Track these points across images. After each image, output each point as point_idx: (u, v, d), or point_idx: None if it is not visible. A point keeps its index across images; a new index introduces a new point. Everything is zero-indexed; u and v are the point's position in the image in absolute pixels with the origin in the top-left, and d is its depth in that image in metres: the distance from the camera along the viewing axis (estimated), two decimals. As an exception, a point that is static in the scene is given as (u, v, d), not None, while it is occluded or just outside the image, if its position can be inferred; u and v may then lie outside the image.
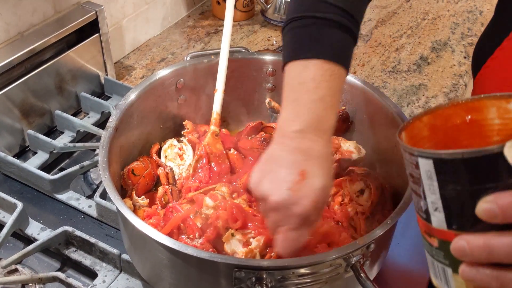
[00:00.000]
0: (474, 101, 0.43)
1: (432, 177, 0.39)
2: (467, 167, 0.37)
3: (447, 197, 0.39)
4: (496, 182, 0.36)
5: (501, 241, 0.36)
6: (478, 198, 0.37)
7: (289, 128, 0.62)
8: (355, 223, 0.77)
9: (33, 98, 1.02)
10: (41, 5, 1.04)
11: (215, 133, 0.86)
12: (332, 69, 0.63)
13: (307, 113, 0.62)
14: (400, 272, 0.82)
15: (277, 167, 0.61)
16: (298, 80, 0.63)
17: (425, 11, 1.55)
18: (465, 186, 0.37)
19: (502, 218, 0.36)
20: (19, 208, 0.83)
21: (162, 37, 1.40)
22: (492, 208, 0.36)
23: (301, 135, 0.61)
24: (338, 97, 0.65)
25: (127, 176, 0.81)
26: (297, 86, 0.63)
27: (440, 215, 0.40)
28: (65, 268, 0.83)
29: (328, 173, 0.62)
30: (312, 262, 0.61)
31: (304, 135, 0.61)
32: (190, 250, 0.60)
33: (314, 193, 0.60)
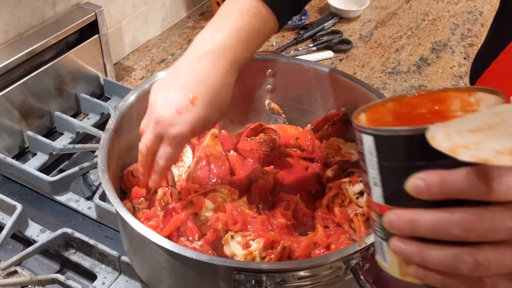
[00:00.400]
0: (440, 92, 0.45)
1: (372, 153, 0.41)
2: (403, 145, 0.39)
3: (385, 173, 0.41)
4: (427, 160, 0.38)
5: (425, 217, 0.38)
6: (410, 175, 0.39)
7: (199, 48, 0.66)
8: (354, 225, 0.77)
9: (32, 99, 1.02)
10: (41, 6, 1.03)
11: (215, 134, 0.86)
12: (259, 8, 0.66)
13: (219, 38, 0.65)
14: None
15: (174, 84, 0.65)
16: (228, 7, 0.67)
17: (425, 12, 1.55)
18: (400, 162, 0.39)
19: (428, 194, 0.37)
20: (19, 209, 0.83)
21: (161, 38, 1.40)
22: (419, 184, 0.38)
23: (205, 57, 0.64)
24: (255, 36, 0.67)
25: (126, 178, 0.81)
26: (224, 12, 0.67)
27: (378, 189, 0.42)
28: (64, 270, 0.83)
29: (215, 105, 0.66)
30: (312, 264, 0.61)
31: (208, 58, 0.64)
32: (190, 252, 0.60)
33: (195, 121, 0.64)
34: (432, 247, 0.38)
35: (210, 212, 0.73)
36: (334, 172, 0.84)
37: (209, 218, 0.72)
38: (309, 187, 0.83)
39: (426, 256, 0.39)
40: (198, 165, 0.84)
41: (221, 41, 0.65)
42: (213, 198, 0.75)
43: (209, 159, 0.84)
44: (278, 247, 0.68)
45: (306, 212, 0.78)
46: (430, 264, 0.39)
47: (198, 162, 0.84)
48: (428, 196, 0.37)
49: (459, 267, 0.37)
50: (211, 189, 0.79)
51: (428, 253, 0.38)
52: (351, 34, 1.43)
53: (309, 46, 1.35)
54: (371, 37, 1.43)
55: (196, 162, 0.84)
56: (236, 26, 0.65)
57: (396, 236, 0.41)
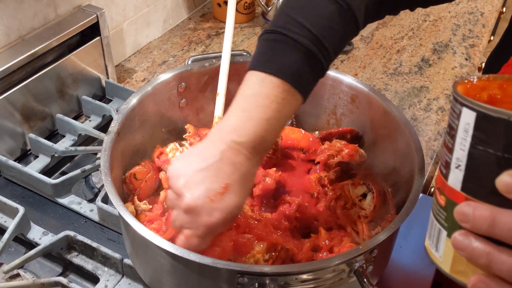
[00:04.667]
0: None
1: (468, 131, 0.37)
2: (508, 131, 0.35)
3: (474, 157, 0.37)
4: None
5: (507, 218, 0.35)
6: (504, 168, 0.35)
7: (230, 135, 0.61)
8: (357, 227, 0.77)
9: (34, 102, 1.02)
10: (42, 9, 1.03)
11: (217, 137, 0.86)
12: (287, 91, 0.62)
13: (252, 129, 0.61)
14: (403, 276, 0.82)
15: (205, 169, 0.60)
16: (253, 91, 0.63)
17: (426, 13, 1.55)
18: (497, 151, 0.35)
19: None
20: (21, 212, 0.83)
21: (163, 39, 1.40)
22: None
23: (238, 148, 0.61)
24: (283, 122, 0.64)
25: (129, 180, 0.81)
26: (250, 97, 0.62)
27: (459, 173, 0.38)
28: (67, 272, 0.82)
29: (246, 194, 0.63)
30: (315, 267, 0.61)
31: (241, 149, 0.61)
32: (192, 255, 0.60)
33: (229, 209, 0.60)
34: (505, 251, 0.35)
35: (212, 215, 0.73)
36: (337, 174, 0.84)
37: (212, 220, 0.72)
38: (312, 189, 0.83)
39: (495, 259, 0.35)
40: (200, 167, 0.84)
41: (253, 133, 0.61)
42: (215, 201, 0.75)
43: (211, 161, 0.84)
44: (281, 250, 0.68)
45: (308, 214, 0.78)
46: (497, 269, 0.35)
47: (200, 164, 0.84)
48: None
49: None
50: (213, 192, 0.79)
51: (499, 258, 0.35)
52: (352, 35, 1.43)
53: (311, 47, 1.35)
54: (372, 38, 1.43)
55: (198, 165, 0.84)
56: (266, 116, 0.61)
57: (464, 230, 0.37)
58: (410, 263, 0.84)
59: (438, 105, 1.20)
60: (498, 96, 0.41)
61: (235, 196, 0.60)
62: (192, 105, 0.93)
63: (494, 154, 0.36)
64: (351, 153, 0.86)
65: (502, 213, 0.35)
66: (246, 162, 0.61)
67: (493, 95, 0.41)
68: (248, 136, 0.61)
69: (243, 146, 0.61)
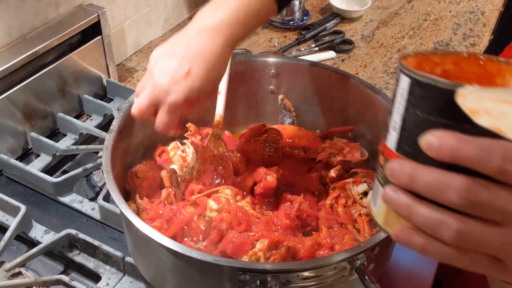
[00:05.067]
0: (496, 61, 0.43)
1: (403, 96, 0.40)
2: (435, 96, 0.38)
3: (407, 120, 0.40)
4: (452, 121, 0.37)
5: (426, 174, 0.37)
6: (429, 129, 0.38)
7: (199, 21, 0.70)
8: (358, 225, 0.77)
9: (35, 101, 1.02)
10: (43, 8, 1.04)
11: (218, 135, 0.86)
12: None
13: (219, 15, 0.69)
14: (405, 273, 0.82)
15: (172, 54, 0.69)
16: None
17: (427, 12, 1.55)
18: (425, 114, 0.39)
19: (438, 153, 0.37)
20: (23, 211, 0.83)
21: (164, 39, 1.40)
22: (432, 141, 0.37)
23: (203, 32, 0.69)
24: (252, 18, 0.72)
25: (130, 178, 0.81)
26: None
27: (395, 134, 0.41)
28: (68, 271, 0.83)
29: (208, 78, 0.69)
30: (317, 265, 0.61)
31: (206, 32, 0.69)
32: (194, 253, 0.60)
33: (189, 92, 0.68)
34: (422, 205, 0.38)
35: (214, 213, 0.73)
36: (338, 172, 0.84)
37: (213, 218, 0.72)
38: (313, 187, 0.83)
39: (414, 212, 0.38)
40: (202, 166, 0.84)
41: (220, 19, 0.69)
42: (216, 199, 0.75)
43: (212, 160, 0.84)
44: (282, 248, 0.68)
45: (310, 212, 0.78)
46: (415, 221, 0.38)
47: (201, 163, 0.84)
48: (437, 155, 0.37)
49: (441, 232, 0.37)
50: (214, 190, 0.79)
51: (417, 209, 0.38)
52: (353, 34, 1.44)
53: (311, 46, 1.35)
54: (373, 37, 1.43)
55: (200, 163, 0.84)
56: (236, 7, 0.70)
57: (393, 185, 0.40)
58: (411, 260, 0.84)
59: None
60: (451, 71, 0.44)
61: (196, 80, 0.67)
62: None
63: (421, 117, 0.39)
64: (352, 151, 0.86)
65: (422, 169, 0.38)
66: (211, 46, 0.68)
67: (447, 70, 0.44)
68: (215, 21, 0.69)
69: (208, 31, 0.68)
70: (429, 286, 0.81)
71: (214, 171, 0.83)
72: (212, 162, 0.84)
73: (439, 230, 0.37)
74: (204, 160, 0.84)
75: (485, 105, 0.35)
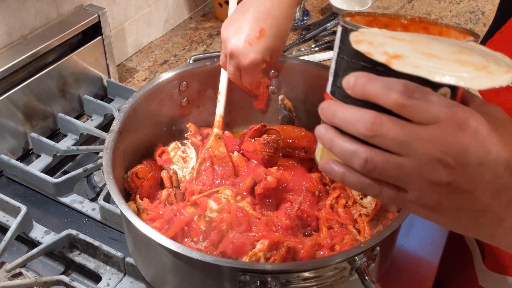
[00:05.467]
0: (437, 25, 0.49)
1: (337, 44, 0.46)
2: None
3: (337, 65, 0.45)
4: (369, 63, 0.42)
5: (345, 110, 0.43)
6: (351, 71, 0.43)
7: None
8: (359, 226, 0.77)
9: (36, 101, 1.02)
10: (44, 8, 1.04)
11: (218, 135, 0.86)
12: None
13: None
14: (405, 273, 0.82)
15: (243, 19, 0.76)
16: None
17: (427, 12, 1.55)
18: (349, 58, 0.44)
19: (352, 91, 0.43)
20: (23, 211, 0.83)
21: (164, 39, 1.40)
22: (349, 80, 0.43)
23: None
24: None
25: (131, 179, 0.81)
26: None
27: (330, 79, 0.47)
28: (69, 271, 0.83)
29: (280, 36, 0.78)
30: (317, 265, 0.61)
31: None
32: (195, 253, 0.60)
33: (264, 50, 0.76)
34: (341, 137, 0.44)
35: (214, 213, 0.73)
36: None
37: (213, 219, 0.72)
38: (313, 188, 0.83)
39: (335, 143, 0.44)
40: (202, 166, 0.84)
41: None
42: (217, 199, 0.76)
43: (213, 160, 0.84)
44: (282, 248, 0.68)
45: (310, 213, 0.78)
46: (335, 151, 0.44)
47: (202, 163, 0.84)
48: (352, 92, 0.43)
49: (353, 160, 0.43)
50: (215, 190, 0.79)
51: (337, 141, 0.44)
52: (354, 35, 1.43)
53: (312, 46, 1.35)
54: (373, 37, 1.43)
55: (200, 163, 0.84)
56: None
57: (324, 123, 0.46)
58: (411, 260, 0.84)
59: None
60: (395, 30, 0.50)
61: (269, 39, 0.76)
62: (194, 104, 0.93)
63: (347, 60, 0.44)
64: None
65: (342, 106, 0.44)
66: (279, 5, 0.76)
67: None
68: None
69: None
70: (430, 285, 0.81)
71: (214, 171, 0.84)
72: (212, 162, 0.84)
73: (352, 159, 0.43)
74: (204, 161, 0.84)
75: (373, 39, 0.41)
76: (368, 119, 0.41)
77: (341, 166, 0.45)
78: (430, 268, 0.82)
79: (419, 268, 0.83)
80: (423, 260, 0.83)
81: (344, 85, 0.43)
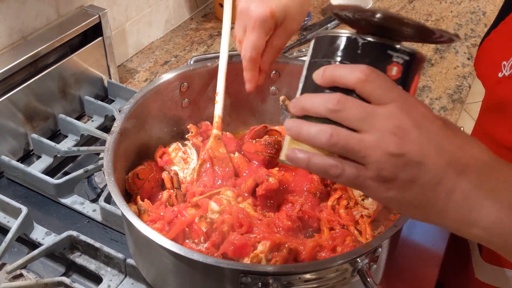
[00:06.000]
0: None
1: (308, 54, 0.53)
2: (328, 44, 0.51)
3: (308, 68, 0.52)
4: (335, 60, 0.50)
5: (312, 97, 0.49)
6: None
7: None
8: (360, 227, 0.77)
9: (36, 102, 1.02)
10: (44, 9, 1.04)
11: (218, 136, 0.86)
12: None
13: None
14: (407, 275, 0.82)
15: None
16: None
17: (428, 12, 1.55)
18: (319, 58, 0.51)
19: (322, 79, 0.49)
20: (24, 212, 0.83)
21: (165, 40, 1.40)
22: (319, 72, 0.50)
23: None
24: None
25: (131, 180, 0.81)
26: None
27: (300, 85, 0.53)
28: (70, 272, 0.83)
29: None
30: (319, 267, 0.61)
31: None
32: (196, 255, 0.60)
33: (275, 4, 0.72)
34: (308, 122, 0.48)
35: (215, 215, 0.73)
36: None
37: (214, 220, 0.72)
38: (314, 189, 0.82)
39: (301, 128, 0.49)
40: (203, 167, 0.84)
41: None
42: (218, 201, 0.75)
43: (213, 161, 0.84)
44: (284, 250, 0.68)
45: (311, 214, 0.78)
46: (301, 135, 0.49)
47: (202, 164, 0.84)
48: (321, 80, 0.49)
49: (320, 136, 0.47)
50: (216, 192, 0.79)
51: (303, 125, 0.48)
52: (354, 35, 1.43)
53: (313, 47, 1.35)
54: (374, 38, 1.43)
55: (201, 165, 0.84)
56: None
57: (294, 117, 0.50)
58: (413, 262, 0.84)
59: (440, 105, 1.20)
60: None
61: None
62: (195, 105, 0.93)
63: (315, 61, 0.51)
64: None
65: (311, 95, 0.49)
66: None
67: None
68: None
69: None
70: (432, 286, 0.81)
71: (215, 172, 0.83)
72: (213, 163, 0.84)
73: (319, 135, 0.47)
74: (204, 162, 0.84)
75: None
76: (335, 97, 0.47)
77: (306, 153, 0.49)
78: (432, 269, 0.82)
79: (421, 270, 0.82)
80: (425, 262, 0.83)
81: (315, 76, 0.50)
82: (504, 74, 0.73)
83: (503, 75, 0.73)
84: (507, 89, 0.72)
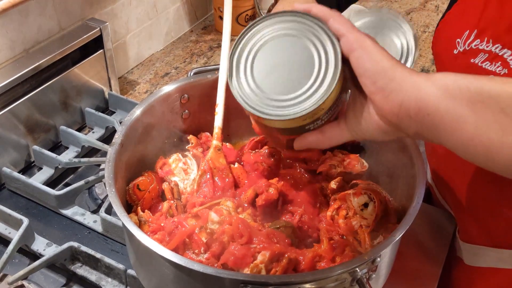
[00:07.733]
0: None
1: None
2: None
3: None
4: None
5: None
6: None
7: None
8: (359, 237, 0.77)
9: (38, 114, 1.03)
10: (46, 23, 1.05)
11: (218, 147, 0.87)
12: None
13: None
14: (405, 284, 0.82)
15: None
16: None
17: (426, 24, 1.56)
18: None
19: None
20: (25, 224, 0.83)
21: (165, 52, 1.41)
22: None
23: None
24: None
25: (132, 191, 0.81)
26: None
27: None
28: (70, 283, 0.83)
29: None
30: (318, 277, 0.61)
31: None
32: (196, 266, 0.61)
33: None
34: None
35: (216, 225, 0.73)
36: (338, 184, 0.84)
37: (215, 231, 0.73)
38: (314, 199, 0.83)
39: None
40: (203, 178, 0.85)
41: None
42: (218, 211, 0.76)
43: (213, 172, 0.85)
44: (283, 260, 0.68)
45: (311, 224, 0.78)
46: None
47: (202, 175, 0.85)
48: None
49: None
50: (216, 202, 0.80)
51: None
52: (353, 46, 1.44)
53: (311, 58, 1.36)
54: (372, 49, 1.44)
55: (201, 176, 0.85)
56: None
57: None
58: (412, 270, 0.84)
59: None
60: None
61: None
62: (195, 117, 0.94)
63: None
64: (353, 163, 0.86)
65: None
66: None
67: None
68: None
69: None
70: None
71: (215, 183, 0.84)
72: (213, 174, 0.84)
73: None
74: (204, 173, 0.84)
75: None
76: None
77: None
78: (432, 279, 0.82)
79: (420, 278, 0.83)
80: (424, 270, 0.83)
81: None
82: (459, 50, 0.77)
83: (458, 51, 0.77)
84: (463, 64, 0.76)
